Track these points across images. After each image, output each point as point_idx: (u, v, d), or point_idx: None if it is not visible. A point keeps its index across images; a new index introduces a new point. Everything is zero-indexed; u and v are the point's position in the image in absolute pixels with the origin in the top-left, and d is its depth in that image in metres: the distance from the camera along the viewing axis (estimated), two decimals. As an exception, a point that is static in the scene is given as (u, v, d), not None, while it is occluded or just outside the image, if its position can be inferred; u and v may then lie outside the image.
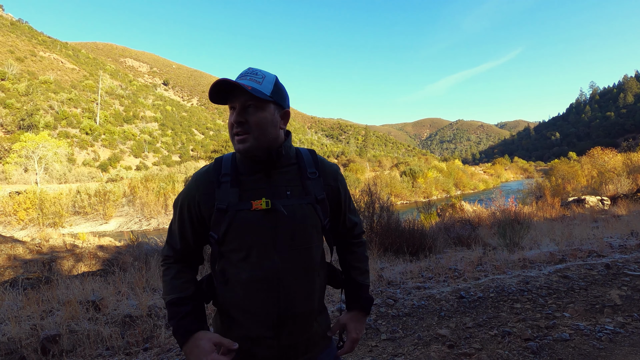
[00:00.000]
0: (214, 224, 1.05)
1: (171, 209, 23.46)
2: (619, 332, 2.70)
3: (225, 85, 1.00)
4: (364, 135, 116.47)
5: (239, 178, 1.06)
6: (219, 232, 1.04)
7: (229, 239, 1.03)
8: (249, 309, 1.03)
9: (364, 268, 1.26)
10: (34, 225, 18.55)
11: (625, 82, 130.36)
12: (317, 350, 1.13)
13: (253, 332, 1.04)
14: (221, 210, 1.03)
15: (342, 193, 1.19)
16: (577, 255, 4.99)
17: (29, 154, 28.37)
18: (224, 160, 1.10)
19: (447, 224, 9.41)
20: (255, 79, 1.02)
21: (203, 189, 1.07)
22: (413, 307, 3.37)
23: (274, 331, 1.03)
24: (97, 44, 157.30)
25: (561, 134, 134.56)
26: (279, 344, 1.04)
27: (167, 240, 1.15)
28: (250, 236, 1.02)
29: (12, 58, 56.44)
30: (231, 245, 1.04)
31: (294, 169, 1.11)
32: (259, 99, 1.01)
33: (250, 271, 1.02)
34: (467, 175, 42.71)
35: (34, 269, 7.15)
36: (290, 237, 1.04)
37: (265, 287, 1.02)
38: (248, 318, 1.04)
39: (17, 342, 2.87)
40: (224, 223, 1.03)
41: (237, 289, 1.04)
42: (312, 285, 1.09)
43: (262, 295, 1.02)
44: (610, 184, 15.01)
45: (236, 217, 1.02)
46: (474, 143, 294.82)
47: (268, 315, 1.03)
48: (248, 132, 1.02)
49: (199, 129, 74.84)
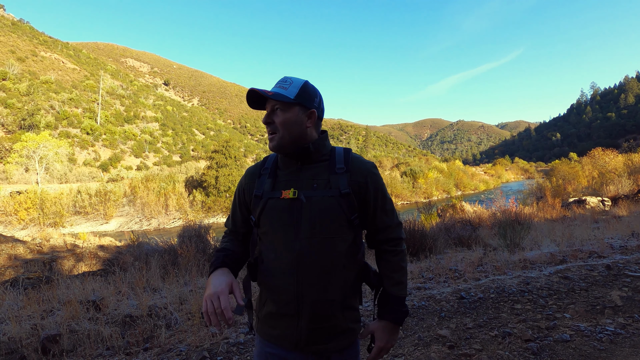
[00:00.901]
0: (253, 209, 1.24)
1: (171, 209, 23.68)
2: (619, 333, 2.70)
3: (254, 93, 1.18)
4: (365, 136, 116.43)
5: (276, 172, 1.24)
6: (255, 215, 1.22)
7: (262, 223, 1.20)
8: (274, 288, 1.16)
9: (398, 279, 1.23)
10: (34, 225, 18.57)
11: (626, 82, 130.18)
12: (341, 345, 1.16)
13: (279, 309, 1.15)
14: (257, 197, 1.22)
15: (372, 190, 1.20)
16: (578, 256, 4.98)
17: (29, 153, 28.39)
18: (270, 157, 1.31)
19: (447, 225, 9.40)
20: (283, 86, 1.18)
21: (248, 179, 1.29)
22: (413, 308, 3.37)
23: (295, 313, 1.13)
24: (98, 44, 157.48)
25: (562, 135, 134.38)
26: (299, 325, 1.13)
27: (226, 222, 1.40)
28: (277, 221, 1.16)
29: (13, 58, 56.51)
30: (264, 228, 1.20)
31: (324, 165, 1.21)
32: (283, 102, 1.17)
33: (275, 252, 1.16)
34: (467, 176, 42.68)
35: (34, 269, 7.16)
36: (311, 225, 1.13)
37: (286, 268, 1.14)
38: (274, 296, 1.17)
39: (17, 341, 2.87)
40: (259, 208, 1.20)
41: (267, 269, 1.18)
42: (334, 276, 1.14)
43: (283, 276, 1.14)
44: (611, 184, 14.98)
45: (267, 204, 1.19)
46: (474, 143, 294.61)
47: (287, 297, 1.14)
48: (275, 132, 1.19)
49: (200, 129, 74.87)
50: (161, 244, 8.03)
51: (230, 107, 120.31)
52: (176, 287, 4.41)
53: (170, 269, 5.53)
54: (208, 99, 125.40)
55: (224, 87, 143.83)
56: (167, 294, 4.04)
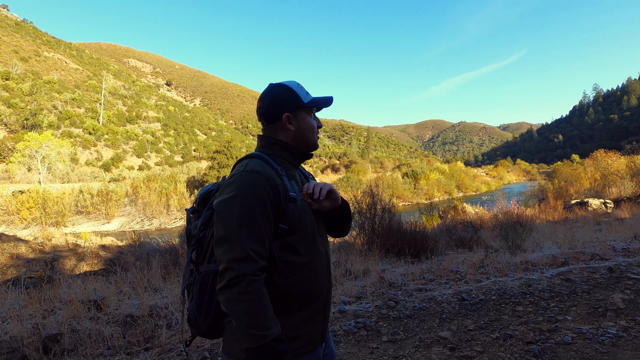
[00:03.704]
0: (287, 215, 1.08)
1: (173, 208, 23.59)
2: (622, 335, 2.68)
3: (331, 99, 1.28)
4: (366, 137, 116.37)
5: (288, 172, 1.20)
6: (290, 222, 1.08)
7: (298, 228, 1.11)
8: (312, 290, 1.14)
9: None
10: (36, 225, 18.62)
11: (629, 84, 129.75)
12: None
13: (315, 312, 1.15)
14: (293, 200, 1.11)
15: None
16: (580, 259, 4.96)
17: (32, 153, 28.50)
18: (264, 157, 1.16)
19: (449, 226, 9.38)
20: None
21: (274, 180, 1.08)
22: (414, 309, 3.36)
23: (326, 308, 1.20)
24: (101, 44, 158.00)
25: (564, 137, 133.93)
26: (324, 319, 1.19)
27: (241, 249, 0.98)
28: (311, 224, 1.16)
29: (16, 58, 56.75)
30: (299, 233, 1.12)
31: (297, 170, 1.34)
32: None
33: (313, 254, 1.15)
34: (469, 177, 42.55)
35: (36, 268, 7.17)
36: (324, 222, 1.26)
37: (323, 267, 1.18)
38: (311, 299, 1.13)
39: (19, 340, 2.88)
40: (296, 212, 1.11)
41: (302, 275, 1.12)
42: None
43: (323, 275, 1.18)
44: (613, 186, 14.92)
45: (303, 206, 1.14)
46: (476, 145, 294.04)
47: (326, 292, 1.19)
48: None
49: (202, 129, 74.99)
50: (162, 243, 8.04)
51: (232, 108, 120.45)
52: (177, 287, 4.41)
53: (171, 268, 5.54)
54: (210, 100, 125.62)
55: (226, 88, 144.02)
56: (168, 294, 4.05)
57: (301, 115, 1.22)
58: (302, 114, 1.23)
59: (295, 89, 1.22)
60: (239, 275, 0.96)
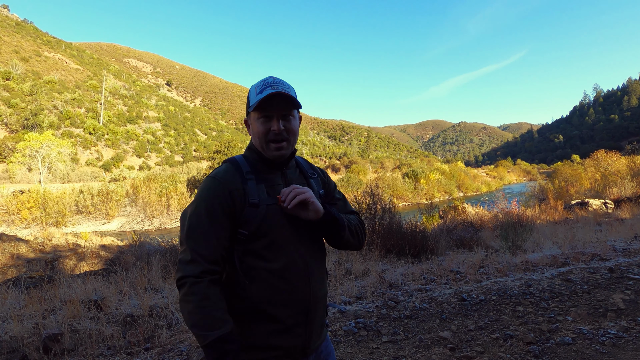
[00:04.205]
0: (244, 221, 1.06)
1: (173, 208, 23.62)
2: (622, 336, 2.68)
3: (276, 95, 1.06)
4: (367, 137, 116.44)
5: (260, 176, 1.12)
6: (250, 227, 1.05)
7: (261, 234, 1.06)
8: (282, 299, 1.07)
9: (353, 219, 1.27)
10: (37, 224, 18.63)
11: (630, 84, 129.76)
12: (322, 337, 1.22)
13: (285, 322, 1.07)
14: (253, 205, 1.06)
15: (332, 187, 1.33)
16: (580, 259, 4.96)
17: (32, 153, 28.54)
18: (239, 160, 1.15)
19: (449, 226, 9.38)
20: (285, 88, 1.09)
21: (232, 185, 1.07)
22: (414, 310, 3.36)
23: (306, 318, 1.10)
24: (101, 44, 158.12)
25: (564, 137, 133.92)
26: (306, 331, 1.11)
27: (189, 252, 1.02)
28: (281, 229, 1.08)
29: (17, 58, 56.82)
30: (263, 240, 1.06)
31: (297, 171, 1.24)
32: (295, 108, 1.12)
33: (283, 262, 1.07)
34: (469, 178, 42.55)
35: (36, 268, 7.18)
36: (310, 228, 1.13)
37: (298, 275, 1.09)
38: (280, 308, 1.07)
39: (19, 340, 2.88)
40: (257, 218, 1.06)
41: (268, 283, 1.06)
42: (325, 273, 1.21)
43: (297, 283, 1.08)
44: (613, 187, 14.91)
45: (268, 212, 1.07)
46: (476, 145, 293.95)
47: (302, 301, 1.09)
48: (286, 139, 1.11)
49: (202, 129, 75.04)
50: (163, 243, 8.04)
51: (232, 108, 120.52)
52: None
53: (171, 268, 5.54)
54: (210, 100, 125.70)
55: (226, 88, 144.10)
56: (168, 294, 4.05)
57: (251, 120, 1.14)
58: (252, 119, 1.13)
59: (251, 91, 1.13)
60: (183, 277, 1.01)
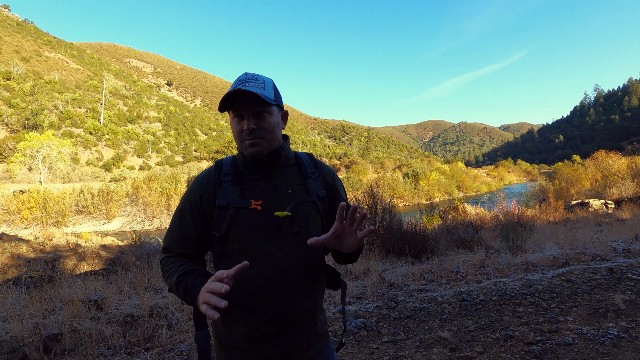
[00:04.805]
0: (216, 223, 1.06)
1: (173, 208, 23.64)
2: (622, 336, 2.68)
3: (236, 94, 1.01)
4: (367, 137, 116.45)
5: (240, 178, 1.09)
6: (221, 230, 1.04)
7: (232, 237, 1.04)
8: (255, 306, 1.03)
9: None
10: (37, 224, 18.64)
11: (630, 85, 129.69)
12: (317, 350, 1.14)
13: (257, 330, 1.03)
14: (222, 208, 1.04)
15: (341, 190, 1.23)
16: (581, 259, 4.95)
17: (33, 153, 28.58)
18: (225, 162, 1.14)
19: (449, 227, 9.37)
20: (258, 85, 1.04)
21: (204, 188, 1.09)
22: (415, 310, 3.36)
23: (280, 328, 1.04)
24: (102, 44, 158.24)
25: (565, 137, 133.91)
26: (284, 342, 1.05)
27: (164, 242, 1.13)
28: (253, 233, 1.03)
29: (17, 58, 56.89)
30: (235, 243, 1.04)
31: (294, 170, 1.15)
32: (268, 105, 1.05)
33: (255, 267, 1.02)
34: (469, 178, 42.52)
35: (37, 268, 7.18)
36: (292, 233, 1.05)
37: (271, 283, 1.03)
38: (253, 316, 1.03)
39: (19, 340, 2.88)
40: (226, 221, 1.04)
41: (242, 287, 1.02)
42: (316, 283, 1.11)
43: (269, 292, 1.03)
44: (614, 187, 14.90)
45: (238, 215, 1.04)
46: (477, 145, 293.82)
47: (275, 311, 1.03)
48: (260, 137, 1.05)
49: (202, 129, 75.07)
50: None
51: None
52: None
53: (171, 269, 5.53)
54: (211, 100, 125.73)
55: (226, 88, 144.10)
56: (168, 294, 4.05)
57: (229, 120, 1.12)
58: (230, 118, 1.10)
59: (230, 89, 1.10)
60: (162, 260, 1.12)
